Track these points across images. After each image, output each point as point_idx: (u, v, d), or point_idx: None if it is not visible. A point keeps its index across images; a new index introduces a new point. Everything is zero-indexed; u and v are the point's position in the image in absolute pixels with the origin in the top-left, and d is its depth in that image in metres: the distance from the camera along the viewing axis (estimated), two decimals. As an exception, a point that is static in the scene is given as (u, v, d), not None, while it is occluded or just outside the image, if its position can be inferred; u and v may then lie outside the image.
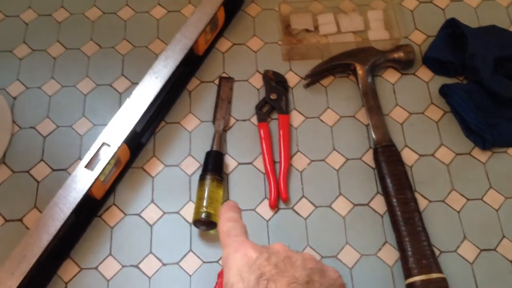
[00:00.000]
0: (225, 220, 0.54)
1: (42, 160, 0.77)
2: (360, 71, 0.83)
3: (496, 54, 0.81)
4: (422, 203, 0.74)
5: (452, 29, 0.86)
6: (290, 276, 0.44)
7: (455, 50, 0.84)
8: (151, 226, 0.73)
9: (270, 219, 0.74)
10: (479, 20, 0.91)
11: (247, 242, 0.48)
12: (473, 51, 0.81)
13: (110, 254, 0.71)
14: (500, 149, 0.79)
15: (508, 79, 0.81)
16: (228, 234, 0.52)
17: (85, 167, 0.68)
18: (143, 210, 0.74)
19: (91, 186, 0.67)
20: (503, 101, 0.80)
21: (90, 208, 0.72)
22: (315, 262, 0.47)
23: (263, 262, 0.45)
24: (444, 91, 0.82)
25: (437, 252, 0.71)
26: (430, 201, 0.75)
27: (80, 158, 0.77)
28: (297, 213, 0.74)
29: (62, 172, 0.76)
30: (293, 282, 0.43)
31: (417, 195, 0.75)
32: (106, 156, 0.69)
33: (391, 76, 0.86)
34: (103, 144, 0.70)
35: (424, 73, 0.86)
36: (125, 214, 0.74)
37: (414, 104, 0.83)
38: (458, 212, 0.74)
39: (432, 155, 0.79)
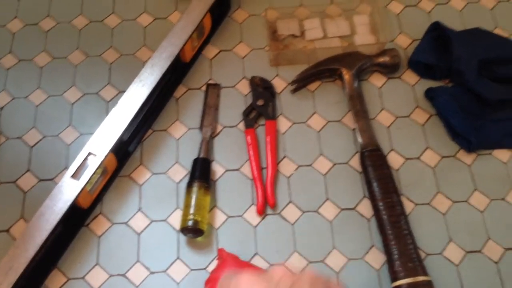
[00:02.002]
0: None
1: (28, 170, 0.78)
2: (346, 76, 0.84)
3: (481, 57, 0.82)
4: (408, 206, 0.75)
5: (437, 33, 0.87)
6: None
7: (440, 53, 0.84)
8: (138, 234, 0.73)
9: (257, 225, 0.74)
10: (464, 23, 0.91)
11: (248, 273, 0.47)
12: (458, 54, 0.81)
13: (97, 263, 0.71)
14: (485, 151, 0.79)
15: (492, 81, 0.81)
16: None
17: (71, 177, 0.68)
18: (130, 218, 0.74)
19: (77, 196, 0.67)
20: (488, 103, 0.80)
21: (77, 218, 0.73)
22: (322, 281, 0.45)
23: None
24: (429, 94, 0.83)
25: (423, 255, 0.71)
26: (416, 204, 0.75)
27: (67, 168, 0.77)
28: (284, 218, 0.75)
29: (49, 182, 0.76)
30: None
31: (403, 198, 0.75)
32: (92, 165, 0.69)
33: (377, 80, 0.86)
34: (89, 153, 0.70)
35: (410, 76, 0.86)
36: (112, 223, 0.74)
37: (400, 108, 0.83)
38: (444, 214, 0.75)
39: (418, 158, 0.79)
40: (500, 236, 0.73)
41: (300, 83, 0.85)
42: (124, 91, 0.77)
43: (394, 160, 0.79)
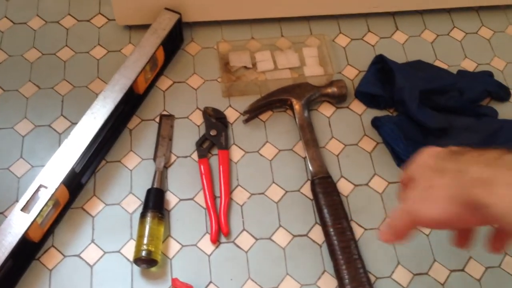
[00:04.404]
0: None
1: (-23, 204, 0.76)
2: (296, 106, 0.86)
3: (422, 87, 0.86)
4: (358, 231, 0.77)
5: (381, 65, 0.91)
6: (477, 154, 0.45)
7: (384, 84, 0.89)
8: (91, 266, 0.73)
9: (211, 253, 0.75)
10: (407, 55, 0.96)
11: None
12: (400, 85, 0.86)
13: (48, 297, 0.70)
14: (429, 177, 0.83)
15: (433, 110, 0.86)
16: None
17: (21, 210, 0.67)
18: (83, 250, 0.74)
19: (27, 230, 0.66)
20: (429, 131, 0.84)
21: (28, 251, 0.71)
22: None
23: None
24: (375, 123, 0.87)
25: (373, 279, 0.73)
26: (365, 229, 0.78)
27: (17, 201, 0.75)
28: (238, 246, 0.76)
29: (-2, 215, 0.75)
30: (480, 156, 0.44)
31: (353, 224, 0.78)
32: (43, 198, 0.69)
33: (326, 109, 0.89)
34: (40, 186, 0.69)
35: (357, 106, 0.90)
36: (64, 256, 0.73)
37: (349, 136, 0.87)
38: (392, 238, 0.77)
39: (367, 184, 0.82)
40: (445, 258, 0.76)
41: (252, 113, 0.87)
42: (77, 123, 0.77)
43: (344, 186, 0.82)
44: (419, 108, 0.84)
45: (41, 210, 0.68)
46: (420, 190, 0.47)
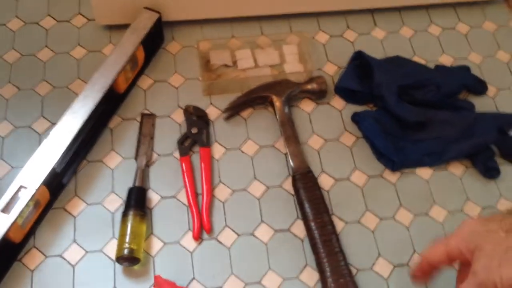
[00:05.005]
0: None
1: (-43, 206, 0.76)
2: (277, 103, 0.87)
3: (400, 83, 0.87)
4: (339, 225, 0.78)
5: (360, 61, 0.92)
6: None
7: (364, 80, 0.90)
8: (73, 266, 0.73)
9: (194, 250, 0.75)
10: (385, 51, 0.97)
11: None
12: (379, 81, 0.87)
13: (30, 298, 0.70)
14: (408, 170, 0.84)
15: (411, 104, 0.87)
16: None
17: (1, 211, 0.67)
18: (64, 250, 0.74)
19: (7, 231, 0.66)
20: (408, 125, 0.86)
21: (8, 253, 0.71)
22: None
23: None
24: (355, 118, 0.88)
25: (354, 271, 0.74)
26: (346, 223, 0.79)
27: (-3, 202, 0.75)
28: (220, 242, 0.76)
29: (-21, 217, 0.75)
30: None
31: (334, 218, 0.79)
32: (23, 199, 0.68)
33: (307, 106, 0.90)
34: (20, 187, 0.69)
35: (337, 102, 0.91)
36: (46, 256, 0.73)
37: (329, 132, 0.88)
38: (373, 231, 0.78)
39: (347, 179, 0.83)
40: (425, 249, 0.77)
41: (233, 111, 0.88)
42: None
43: (325, 181, 0.82)
44: (398, 102, 0.85)
45: (21, 211, 0.68)
46: (495, 255, 0.45)
